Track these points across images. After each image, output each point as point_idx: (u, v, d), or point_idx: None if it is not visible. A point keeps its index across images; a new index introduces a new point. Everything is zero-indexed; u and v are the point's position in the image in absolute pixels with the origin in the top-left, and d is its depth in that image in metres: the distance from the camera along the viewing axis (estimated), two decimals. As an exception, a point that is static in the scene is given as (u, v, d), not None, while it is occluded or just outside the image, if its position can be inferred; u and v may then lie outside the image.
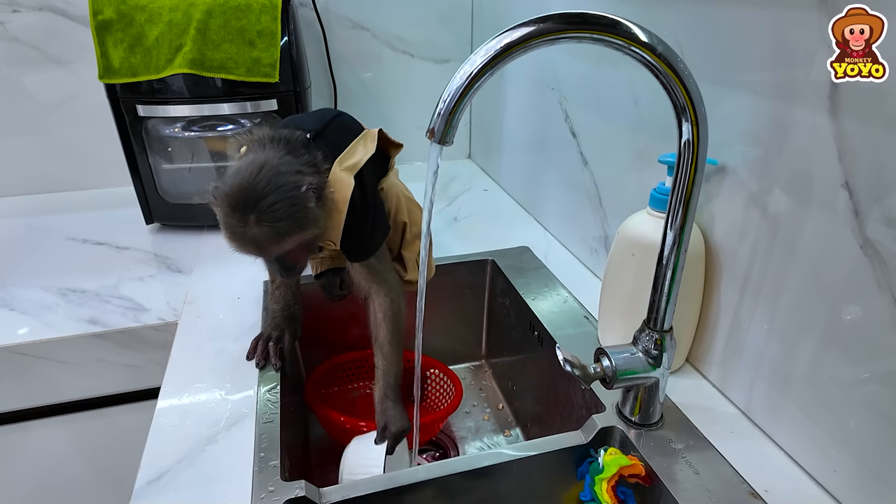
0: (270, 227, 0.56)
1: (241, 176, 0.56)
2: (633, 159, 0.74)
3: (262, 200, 0.55)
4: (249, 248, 0.58)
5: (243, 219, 0.55)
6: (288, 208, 0.56)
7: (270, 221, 0.55)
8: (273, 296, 0.75)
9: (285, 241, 0.58)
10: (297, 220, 0.57)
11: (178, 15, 0.87)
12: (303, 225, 0.58)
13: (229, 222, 0.56)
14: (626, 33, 0.42)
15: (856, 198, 0.45)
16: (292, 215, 0.57)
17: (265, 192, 0.55)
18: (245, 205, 0.55)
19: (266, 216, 0.55)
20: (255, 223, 0.55)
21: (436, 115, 0.42)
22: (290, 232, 0.57)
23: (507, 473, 0.58)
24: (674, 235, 0.50)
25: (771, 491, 0.51)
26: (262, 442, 0.58)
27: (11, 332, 0.77)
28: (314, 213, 0.59)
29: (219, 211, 0.57)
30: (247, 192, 0.55)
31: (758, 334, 0.56)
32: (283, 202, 0.56)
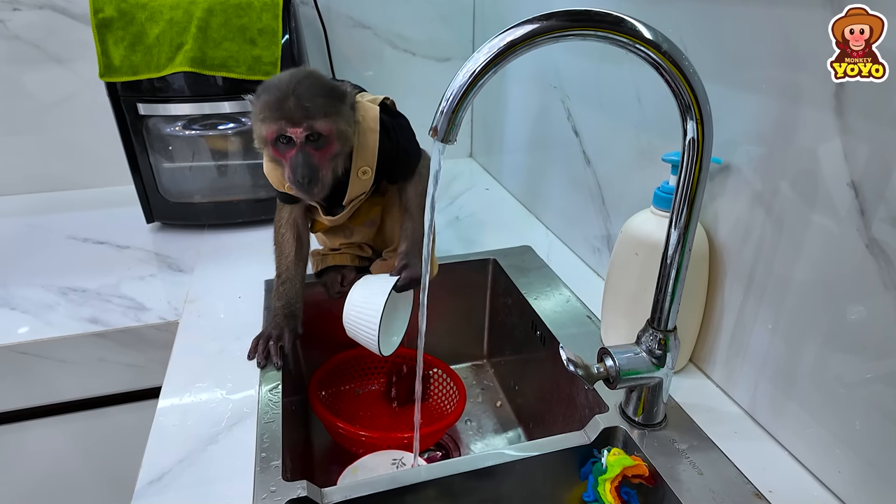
0: (309, 101, 0.62)
1: (282, 74, 0.64)
2: (636, 158, 0.73)
3: (301, 82, 0.62)
4: (282, 119, 0.62)
5: (283, 94, 0.61)
6: (327, 92, 0.63)
7: (308, 96, 0.62)
8: (276, 292, 0.75)
9: (317, 119, 0.62)
10: (333, 105, 0.64)
11: (179, 13, 0.87)
12: (337, 112, 0.64)
13: (269, 101, 0.62)
14: (630, 31, 0.41)
15: (861, 197, 0.44)
16: (328, 100, 0.63)
17: (305, 77, 0.63)
18: (287, 85, 0.62)
19: (306, 91, 0.62)
20: (292, 94, 0.61)
21: (439, 114, 0.42)
22: (327, 111, 0.63)
23: (510, 474, 0.57)
24: (678, 235, 0.50)
25: (775, 491, 0.51)
26: (264, 442, 0.57)
27: (12, 331, 0.77)
28: (347, 115, 0.65)
29: (258, 101, 0.63)
30: (289, 78, 0.63)
31: (762, 334, 0.56)
32: (322, 88, 0.63)
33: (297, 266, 0.76)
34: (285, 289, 0.75)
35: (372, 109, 0.70)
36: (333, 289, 0.82)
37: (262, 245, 0.97)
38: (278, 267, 0.76)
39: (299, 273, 0.76)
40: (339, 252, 0.84)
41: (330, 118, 0.63)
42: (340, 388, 0.88)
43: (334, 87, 0.65)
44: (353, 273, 0.84)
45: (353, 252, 0.84)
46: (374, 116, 0.69)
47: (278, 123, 0.62)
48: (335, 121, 0.64)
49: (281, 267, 0.76)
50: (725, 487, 0.51)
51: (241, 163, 1.04)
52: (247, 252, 0.96)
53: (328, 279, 0.83)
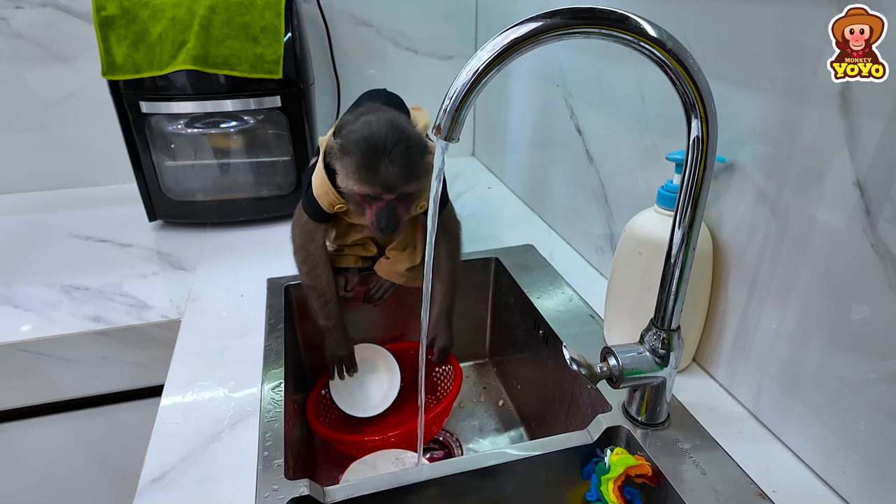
0: (403, 168, 0.64)
1: (375, 127, 0.64)
2: (639, 156, 0.73)
3: (397, 146, 0.63)
4: (380, 185, 0.65)
5: (378, 160, 0.63)
6: (417, 155, 0.65)
7: (403, 163, 0.64)
8: (325, 312, 0.77)
9: (412, 184, 0.66)
10: (423, 167, 0.66)
11: (182, 11, 0.87)
12: (425, 173, 0.66)
13: (364, 162, 0.64)
14: (635, 28, 0.41)
15: (867, 196, 0.44)
16: (420, 161, 0.66)
17: (400, 139, 0.64)
18: (383, 148, 0.63)
19: (401, 158, 0.64)
20: (390, 163, 0.63)
21: (442, 112, 0.42)
22: (418, 176, 0.66)
23: (513, 473, 0.57)
24: (682, 234, 0.50)
25: (779, 491, 0.51)
26: (266, 440, 0.57)
27: (15, 329, 0.77)
28: (430, 164, 0.67)
29: (349, 159, 0.65)
30: (385, 137, 0.64)
31: (766, 334, 0.56)
32: (414, 149, 0.65)
33: (332, 283, 0.78)
34: (330, 308, 0.77)
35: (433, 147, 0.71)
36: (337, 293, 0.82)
37: (265, 243, 0.97)
38: (318, 286, 0.76)
39: (335, 290, 0.78)
40: (343, 254, 0.83)
41: (420, 181, 0.66)
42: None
43: (420, 143, 0.66)
44: (356, 277, 0.83)
45: (357, 253, 0.83)
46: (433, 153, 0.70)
47: (373, 188, 0.65)
48: (423, 181, 0.67)
49: (322, 286, 0.76)
50: (729, 487, 0.51)
51: (244, 161, 1.04)
52: (249, 250, 0.96)
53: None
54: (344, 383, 0.82)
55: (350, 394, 0.82)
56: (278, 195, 1.05)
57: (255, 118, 0.99)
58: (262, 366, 0.68)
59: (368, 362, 0.85)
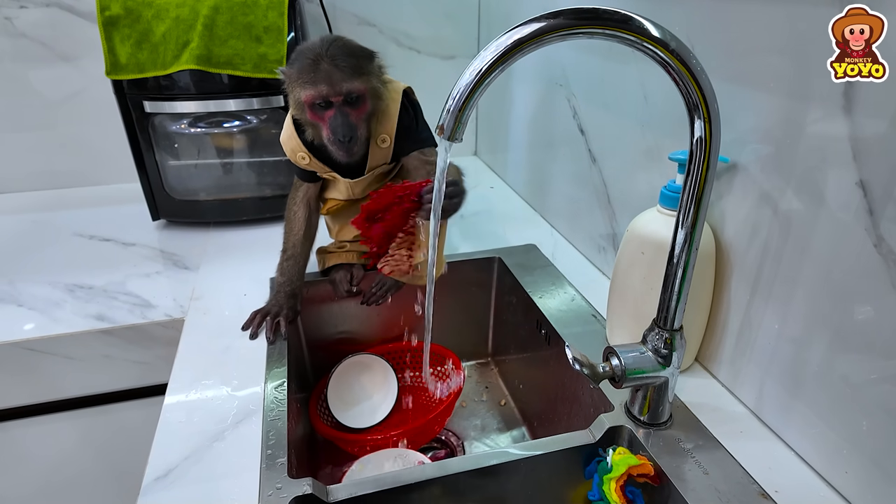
0: (343, 63, 0.65)
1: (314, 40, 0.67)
2: (642, 156, 0.73)
3: (334, 44, 0.66)
4: (322, 83, 0.65)
5: (318, 60, 0.65)
6: (359, 53, 0.67)
7: (342, 57, 0.65)
8: (280, 267, 0.78)
9: (354, 80, 0.66)
10: (363, 66, 0.67)
11: (185, 11, 0.87)
12: (369, 72, 0.68)
13: (305, 66, 0.65)
14: (638, 29, 0.41)
15: (870, 196, 0.44)
16: (360, 60, 0.67)
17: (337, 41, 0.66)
18: (320, 50, 0.65)
19: (339, 57, 0.65)
20: (330, 60, 0.65)
21: (445, 112, 0.42)
22: (359, 71, 0.66)
23: (515, 472, 0.57)
24: (685, 234, 0.50)
25: (781, 491, 0.51)
26: (270, 439, 0.58)
27: (19, 327, 0.77)
28: (377, 72, 0.69)
29: (292, 69, 0.67)
30: (320, 42, 0.66)
31: (768, 333, 0.56)
32: (352, 49, 0.67)
33: (303, 244, 0.79)
34: (289, 265, 0.78)
35: (396, 82, 0.74)
36: (342, 287, 0.82)
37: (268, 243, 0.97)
38: (286, 242, 0.79)
39: (305, 251, 0.79)
40: (346, 250, 0.84)
41: (363, 78, 0.67)
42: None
43: (363, 48, 0.68)
44: (361, 272, 0.84)
45: (359, 249, 0.84)
46: (398, 88, 0.73)
47: (317, 88, 0.65)
48: (368, 80, 0.68)
49: (288, 243, 0.79)
50: (731, 487, 0.51)
51: (247, 160, 1.04)
52: (252, 250, 0.96)
53: (337, 277, 0.83)
54: (339, 393, 0.82)
55: (345, 404, 0.82)
56: (281, 195, 1.04)
57: (258, 118, 0.99)
58: (266, 365, 0.68)
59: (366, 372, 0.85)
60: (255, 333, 0.73)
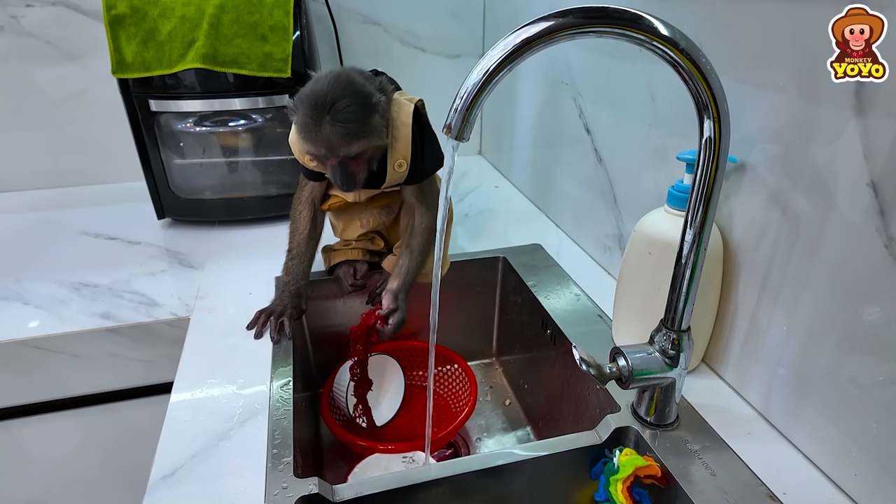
0: (343, 128, 0.62)
1: (320, 83, 0.63)
2: (649, 156, 0.73)
3: (337, 103, 0.61)
4: (321, 147, 0.64)
5: (318, 118, 0.62)
6: (360, 112, 0.63)
7: (343, 122, 0.62)
8: (286, 267, 0.77)
9: (353, 143, 0.64)
10: (366, 125, 0.64)
11: (191, 10, 0.87)
12: (370, 130, 0.64)
13: (306, 122, 0.63)
14: (648, 28, 0.41)
15: (881, 197, 0.44)
16: (363, 119, 0.63)
17: (340, 96, 0.62)
18: (322, 106, 0.61)
19: (340, 116, 0.62)
20: (330, 123, 0.62)
21: (452, 111, 0.42)
22: (360, 134, 0.64)
23: (521, 473, 0.57)
24: (693, 234, 0.50)
25: (789, 493, 0.51)
26: (276, 438, 0.57)
27: (25, 325, 0.77)
28: (380, 123, 0.66)
29: (297, 114, 0.64)
30: (325, 94, 0.62)
31: (776, 335, 0.55)
32: (356, 106, 0.62)
33: (308, 244, 0.78)
34: (294, 264, 0.77)
35: (407, 106, 0.71)
36: (347, 282, 0.82)
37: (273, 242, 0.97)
38: (291, 241, 0.78)
39: (310, 251, 0.79)
40: (351, 248, 0.84)
41: (364, 139, 0.64)
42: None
43: (369, 100, 0.64)
44: (364, 266, 0.84)
45: (364, 246, 0.84)
46: (408, 111, 0.71)
47: (317, 148, 0.64)
48: (369, 140, 0.65)
49: (293, 242, 0.78)
50: (738, 489, 0.51)
51: (252, 159, 1.04)
52: (257, 249, 0.96)
53: (341, 272, 0.83)
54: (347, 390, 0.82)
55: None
56: (286, 194, 1.04)
57: (263, 117, 0.99)
58: (271, 364, 0.68)
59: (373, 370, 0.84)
60: (260, 333, 0.73)
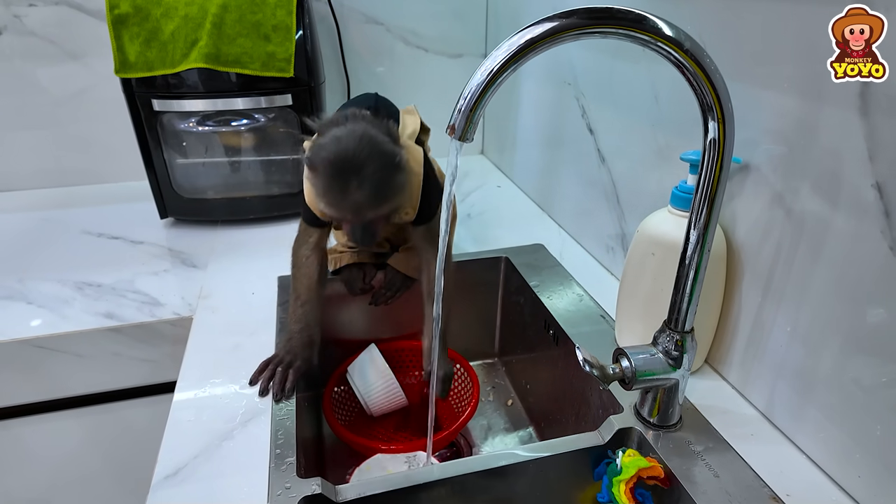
0: (371, 193, 0.59)
1: (343, 144, 0.59)
2: (652, 156, 0.73)
3: (365, 168, 0.58)
4: (348, 211, 0.61)
5: (346, 184, 0.58)
6: (388, 176, 0.60)
7: (371, 188, 0.59)
8: (294, 314, 0.71)
9: (381, 207, 0.62)
10: (393, 187, 0.62)
11: (194, 9, 0.87)
12: (397, 191, 0.63)
13: (330, 187, 0.59)
14: (652, 28, 0.41)
15: (886, 198, 0.44)
16: (390, 182, 0.61)
17: (368, 160, 0.58)
18: (350, 171, 0.58)
19: (369, 182, 0.59)
20: (357, 189, 0.58)
21: (456, 112, 0.42)
22: (387, 198, 0.62)
23: (523, 473, 0.57)
24: (697, 235, 0.49)
25: (793, 495, 0.50)
26: (278, 438, 0.58)
27: (28, 324, 0.78)
28: (404, 180, 0.64)
29: (318, 178, 0.60)
30: (352, 159, 0.58)
31: (780, 336, 0.55)
32: (385, 170, 0.60)
33: (318, 289, 0.73)
34: (305, 311, 0.71)
35: (416, 152, 0.68)
36: (356, 285, 0.82)
37: (275, 241, 0.97)
38: (297, 288, 0.72)
39: (320, 296, 0.73)
40: (357, 250, 0.83)
41: (392, 200, 0.63)
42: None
43: (393, 161, 0.61)
44: (374, 270, 0.83)
45: (371, 250, 0.84)
46: (419, 160, 0.68)
47: (342, 213, 0.62)
48: (396, 200, 0.63)
49: (301, 288, 0.72)
50: (741, 490, 0.51)
51: (254, 159, 1.04)
52: (260, 248, 0.96)
53: (350, 276, 0.82)
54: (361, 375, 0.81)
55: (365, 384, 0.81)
56: (289, 193, 1.05)
57: (266, 116, 0.99)
58: (274, 364, 0.68)
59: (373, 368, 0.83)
60: (265, 389, 0.64)
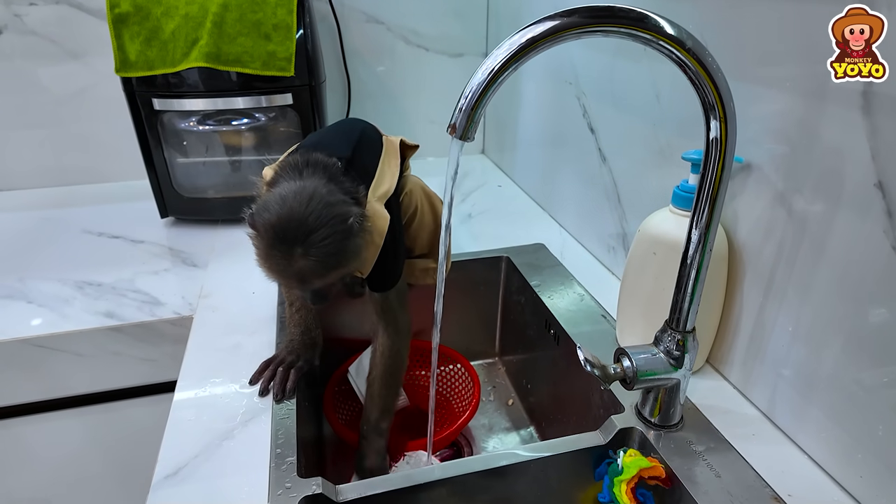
0: (317, 261, 0.53)
1: (289, 205, 0.53)
2: (653, 156, 0.72)
3: (312, 234, 0.52)
4: (291, 281, 0.55)
5: (289, 251, 0.52)
6: (338, 243, 0.53)
7: (318, 256, 0.52)
8: (292, 319, 0.69)
9: (329, 275, 0.55)
10: (343, 254, 0.55)
11: (195, 8, 0.87)
12: (348, 258, 0.56)
13: (272, 254, 0.53)
14: (654, 27, 0.41)
15: (889, 198, 0.43)
16: (340, 250, 0.54)
17: (316, 225, 0.52)
18: (294, 237, 0.52)
19: (315, 250, 0.52)
20: (302, 256, 0.52)
21: (457, 111, 0.42)
22: (337, 266, 0.55)
23: (524, 473, 0.57)
24: (699, 235, 0.49)
25: (794, 495, 0.50)
26: (279, 438, 0.57)
27: (28, 324, 0.77)
28: (358, 245, 0.57)
29: (260, 241, 0.54)
30: (297, 223, 0.52)
31: (782, 336, 0.55)
32: (334, 236, 0.53)
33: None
34: (301, 315, 0.68)
35: (381, 221, 0.61)
36: (353, 288, 0.82)
37: (276, 241, 0.97)
38: (289, 295, 0.70)
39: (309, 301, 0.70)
40: None
41: (343, 268, 0.56)
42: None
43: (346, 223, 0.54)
44: None
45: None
46: (382, 231, 0.61)
47: (286, 282, 0.57)
48: (347, 267, 0.57)
49: (292, 295, 0.69)
50: (743, 490, 0.51)
51: (255, 158, 1.04)
52: (260, 247, 0.96)
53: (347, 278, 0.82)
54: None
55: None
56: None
57: (266, 116, 0.99)
58: (274, 363, 0.68)
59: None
60: (266, 389, 0.63)
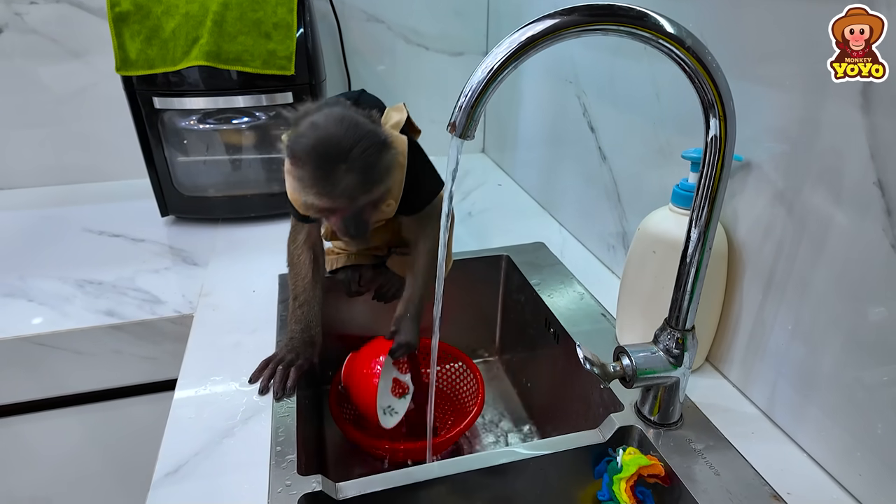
0: (362, 174, 0.55)
1: (323, 128, 0.55)
2: (653, 154, 0.72)
3: (353, 149, 0.54)
4: (340, 200, 0.56)
5: (333, 169, 0.54)
6: (376, 154, 0.56)
7: (362, 168, 0.55)
8: (294, 315, 0.70)
9: (373, 190, 0.58)
10: (384, 167, 0.58)
11: (195, 7, 0.87)
12: (388, 171, 0.59)
13: (317, 174, 0.55)
14: (654, 26, 0.41)
15: (888, 196, 0.44)
16: (379, 161, 0.57)
17: (353, 142, 0.54)
18: (336, 154, 0.54)
19: (359, 163, 0.54)
20: (347, 171, 0.54)
21: (457, 109, 0.42)
22: (380, 180, 0.58)
23: (523, 472, 0.57)
24: (698, 233, 0.49)
25: (793, 493, 0.50)
26: (279, 436, 0.58)
27: (29, 322, 0.78)
28: (393, 157, 0.59)
29: (301, 168, 0.55)
30: (336, 142, 0.54)
31: (781, 334, 0.55)
32: (372, 149, 0.55)
33: (314, 287, 0.72)
34: (304, 311, 0.70)
35: (400, 142, 0.65)
36: (351, 288, 0.82)
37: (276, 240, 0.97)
38: (295, 288, 0.71)
39: (317, 295, 0.72)
40: (354, 252, 0.83)
41: (384, 182, 0.59)
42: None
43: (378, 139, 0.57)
44: (370, 272, 0.83)
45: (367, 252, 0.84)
46: (404, 151, 0.65)
47: (334, 201, 0.57)
48: (385, 183, 0.59)
49: (298, 289, 0.71)
50: (742, 489, 0.51)
51: (255, 157, 1.04)
52: (260, 246, 0.96)
53: (345, 277, 0.82)
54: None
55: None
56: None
57: (266, 114, 0.99)
58: (274, 361, 0.68)
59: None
60: (266, 388, 0.63)
